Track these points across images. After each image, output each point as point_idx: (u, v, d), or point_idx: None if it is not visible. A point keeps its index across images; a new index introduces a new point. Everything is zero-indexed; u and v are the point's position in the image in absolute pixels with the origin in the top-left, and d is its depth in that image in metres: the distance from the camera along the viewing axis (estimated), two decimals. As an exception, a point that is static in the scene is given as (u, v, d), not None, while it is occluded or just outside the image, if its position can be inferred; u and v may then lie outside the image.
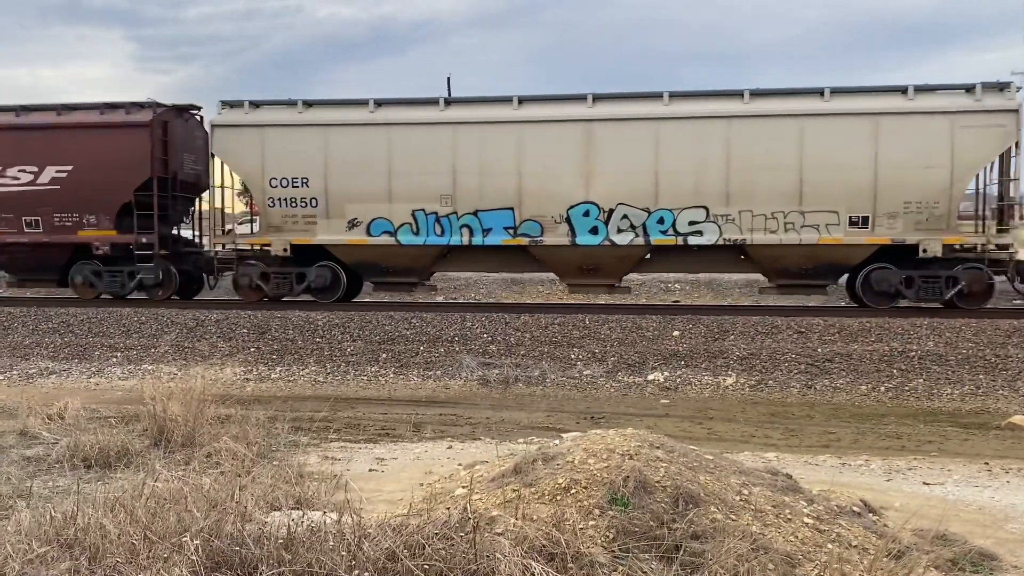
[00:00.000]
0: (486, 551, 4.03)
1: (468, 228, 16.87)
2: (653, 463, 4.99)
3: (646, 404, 12.40)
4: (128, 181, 17.81)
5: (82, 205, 18.04)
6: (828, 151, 15.76)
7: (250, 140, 17.56)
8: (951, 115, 15.53)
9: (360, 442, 9.08)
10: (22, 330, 16.27)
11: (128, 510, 4.68)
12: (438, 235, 16.96)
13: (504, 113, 16.82)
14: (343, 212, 17.24)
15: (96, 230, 18.13)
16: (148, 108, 18.18)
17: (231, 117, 17.77)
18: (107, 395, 12.69)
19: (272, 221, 17.54)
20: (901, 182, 15.64)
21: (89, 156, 17.83)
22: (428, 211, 16.94)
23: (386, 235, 17.13)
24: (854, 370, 13.25)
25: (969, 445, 9.86)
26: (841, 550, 4.63)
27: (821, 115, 15.86)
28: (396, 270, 17.58)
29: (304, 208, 17.41)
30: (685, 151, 16.07)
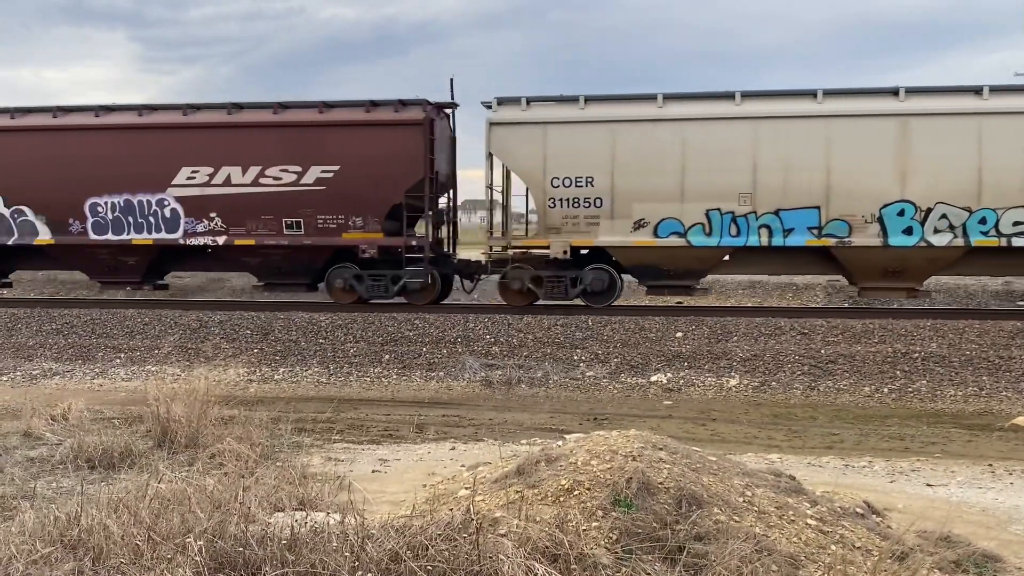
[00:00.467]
0: (489, 552, 4.04)
1: (767, 228, 16.03)
2: (656, 464, 4.99)
3: (649, 405, 12.39)
4: (400, 181, 16.95)
5: (348, 206, 17.10)
6: None
7: (530, 138, 16.75)
8: None
9: (363, 443, 9.09)
10: (26, 331, 16.29)
11: (132, 511, 4.69)
12: (733, 235, 16.05)
13: (808, 107, 16.05)
14: (629, 212, 16.38)
15: (362, 232, 17.13)
16: (418, 105, 17.26)
17: (508, 114, 16.92)
18: (111, 396, 12.70)
19: (552, 222, 16.66)
20: None
21: (357, 155, 16.94)
22: (724, 210, 16.11)
23: (675, 236, 16.24)
24: (857, 371, 13.24)
25: (973, 447, 9.85)
26: (845, 551, 4.63)
27: None
28: (677, 273, 16.72)
29: (587, 208, 16.61)
30: (1011, 147, 15.40)
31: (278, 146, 17.18)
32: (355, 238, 17.18)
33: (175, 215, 17.52)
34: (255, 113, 17.55)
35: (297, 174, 17.13)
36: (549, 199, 16.62)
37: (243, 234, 17.38)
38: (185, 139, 17.44)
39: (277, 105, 17.48)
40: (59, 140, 17.81)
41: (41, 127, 17.98)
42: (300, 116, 17.36)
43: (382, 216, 17.13)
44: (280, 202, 17.20)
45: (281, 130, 17.23)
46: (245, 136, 17.28)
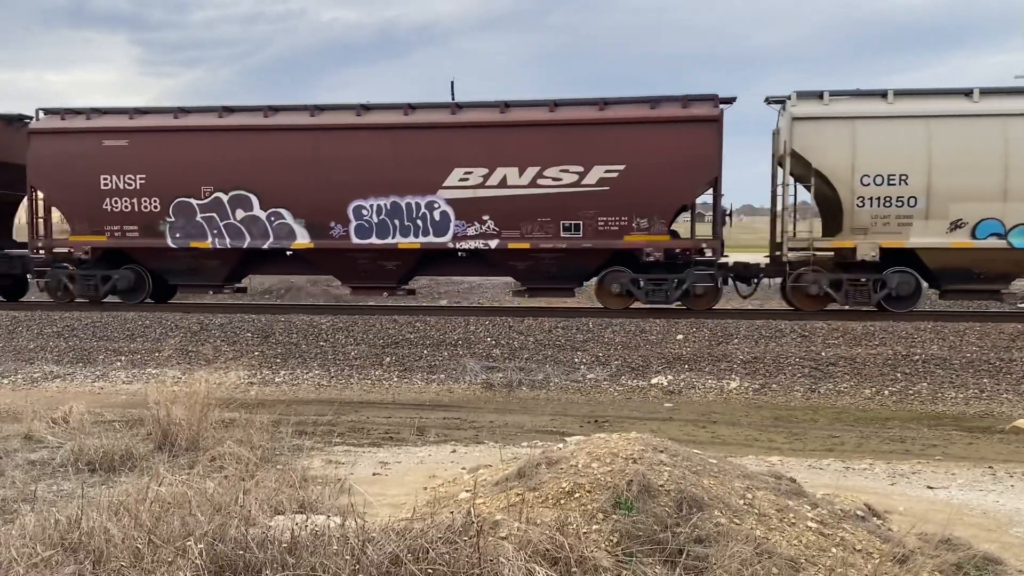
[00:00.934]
0: (490, 555, 4.04)
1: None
2: (657, 467, 4.98)
3: (650, 408, 12.39)
4: (693, 181, 16.29)
5: (633, 208, 16.21)
6: None
7: (837, 134, 15.93)
8: None
9: (364, 446, 9.09)
10: (27, 334, 16.29)
11: (132, 514, 4.69)
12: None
13: None
14: (946, 212, 15.59)
15: (647, 235, 16.26)
16: (707, 101, 16.45)
17: (810, 109, 16.10)
18: (111, 399, 12.71)
19: (859, 222, 15.77)
20: None
21: (644, 154, 16.09)
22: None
23: (994, 237, 15.51)
24: (858, 374, 13.24)
25: (973, 449, 9.85)
26: (845, 554, 4.62)
27: None
28: (988, 277, 15.93)
29: (899, 208, 15.74)
30: None
31: (556, 145, 16.42)
32: (639, 241, 16.33)
33: (445, 218, 16.74)
34: (529, 111, 16.88)
35: (578, 174, 16.33)
36: (858, 198, 15.79)
37: (517, 237, 16.59)
38: (455, 139, 16.75)
39: (551, 103, 16.77)
40: (319, 140, 17.06)
41: (300, 127, 17.22)
42: (579, 114, 16.65)
43: (669, 218, 16.51)
44: (559, 204, 16.42)
45: (559, 129, 16.51)
46: (520, 135, 16.57)
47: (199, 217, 17.34)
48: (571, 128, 16.43)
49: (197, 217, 17.33)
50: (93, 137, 17.67)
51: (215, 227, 17.29)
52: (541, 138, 16.44)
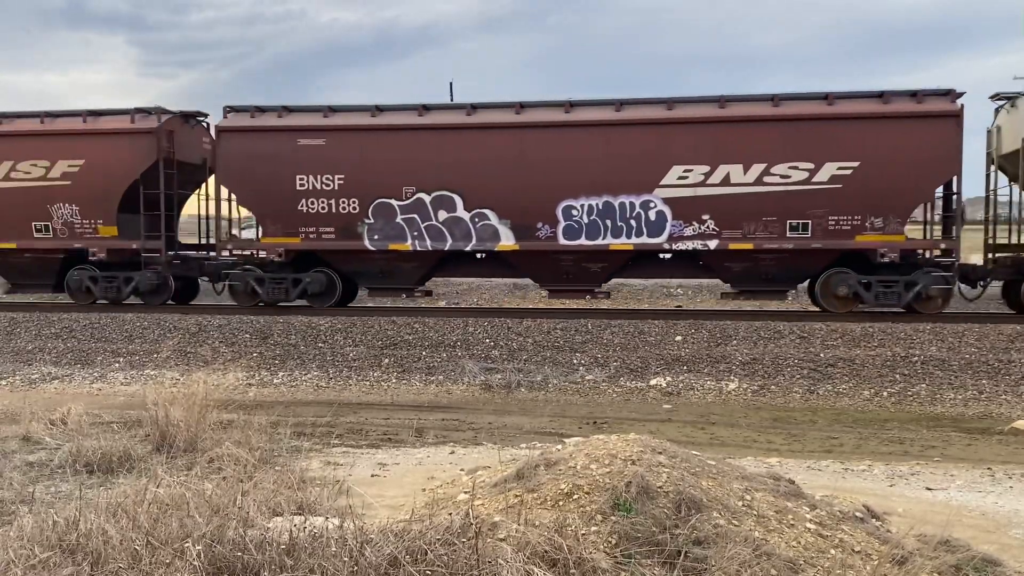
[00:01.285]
0: (488, 557, 4.03)
1: None
2: (655, 468, 4.98)
3: (648, 409, 12.39)
4: (931, 179, 15.81)
5: (866, 206, 15.65)
6: None
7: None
8: None
9: (362, 447, 9.08)
10: (25, 335, 16.28)
11: (130, 515, 4.68)
12: None
13: None
14: None
15: (881, 234, 15.69)
16: (944, 96, 15.86)
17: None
18: (109, 400, 12.70)
19: None
20: None
21: (879, 150, 15.57)
22: None
23: None
24: (857, 375, 13.23)
25: (972, 450, 9.85)
26: (844, 556, 4.62)
27: None
28: None
29: None
30: None
31: (781, 141, 15.87)
32: (872, 241, 15.73)
33: (661, 218, 16.20)
34: (751, 106, 16.36)
35: (808, 172, 15.76)
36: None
37: (739, 238, 16.04)
38: (672, 136, 16.23)
39: (774, 97, 16.26)
40: (523, 138, 16.60)
41: (505, 124, 16.74)
42: (805, 109, 16.10)
43: (905, 217, 15.94)
44: (786, 202, 15.84)
45: (785, 124, 15.96)
46: (743, 131, 16.04)
47: (399, 218, 16.94)
48: (798, 123, 15.93)
49: (397, 218, 16.94)
50: (288, 136, 17.28)
51: (415, 229, 16.90)
52: (766, 134, 15.98)
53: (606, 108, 16.61)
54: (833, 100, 15.99)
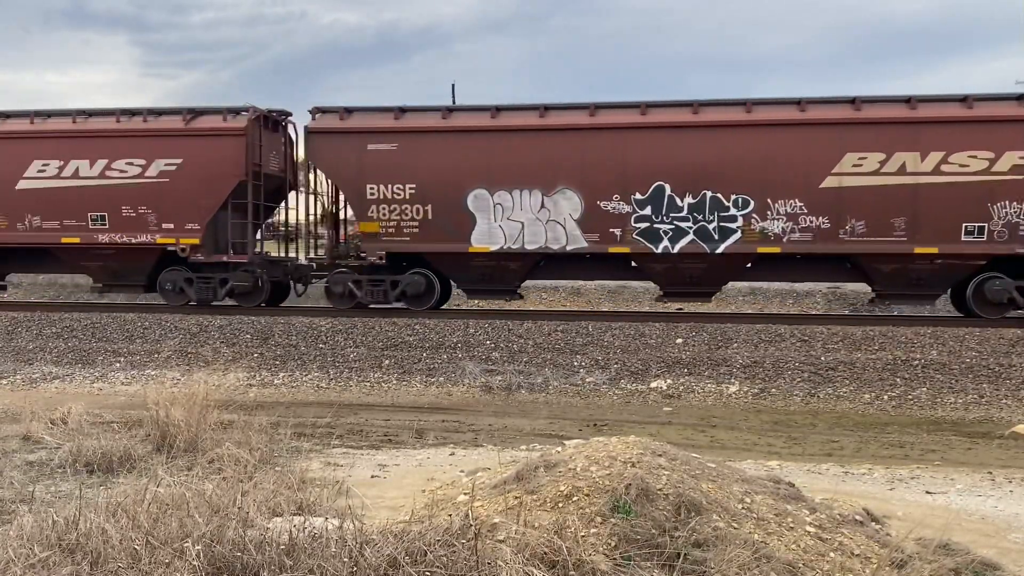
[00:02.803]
0: (488, 558, 4.03)
1: None
2: (655, 471, 4.98)
3: (649, 411, 12.39)
4: None
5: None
6: None
7: None
8: None
9: (362, 448, 9.09)
10: (26, 335, 16.30)
11: (130, 515, 4.69)
12: None
13: None
14: None
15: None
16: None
17: None
18: (110, 400, 12.70)
19: None
20: None
21: None
22: None
23: None
24: (857, 379, 13.23)
25: (972, 454, 9.84)
26: (844, 559, 4.62)
27: None
28: None
29: None
30: None
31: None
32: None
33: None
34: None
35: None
36: None
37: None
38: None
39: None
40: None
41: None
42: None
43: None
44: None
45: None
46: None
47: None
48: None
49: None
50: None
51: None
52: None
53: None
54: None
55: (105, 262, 18.35)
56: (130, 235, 17.84)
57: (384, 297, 17.40)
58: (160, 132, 17.78)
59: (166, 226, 17.73)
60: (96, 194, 17.80)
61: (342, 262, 17.78)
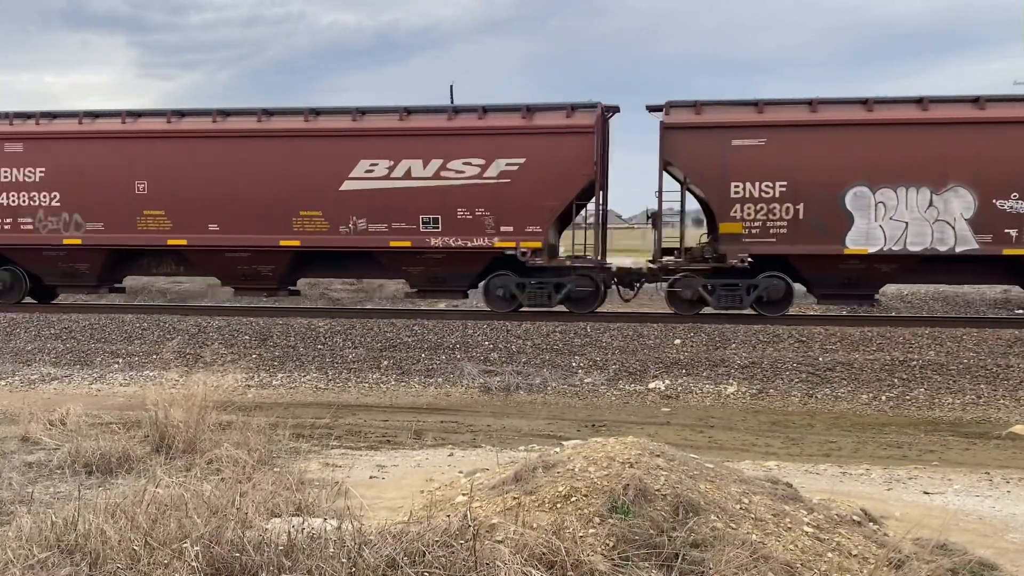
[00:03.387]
0: (486, 559, 4.04)
1: None
2: (653, 471, 4.99)
3: (647, 412, 12.39)
4: None
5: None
6: None
7: None
8: None
9: (361, 449, 9.09)
10: (24, 336, 16.28)
11: (129, 516, 4.69)
12: None
13: None
14: None
15: None
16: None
17: None
18: (108, 401, 12.70)
19: None
20: None
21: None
22: None
23: None
24: (855, 379, 13.24)
25: (970, 455, 9.85)
26: (841, 559, 4.63)
27: None
28: None
29: None
30: None
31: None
32: None
33: None
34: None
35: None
36: None
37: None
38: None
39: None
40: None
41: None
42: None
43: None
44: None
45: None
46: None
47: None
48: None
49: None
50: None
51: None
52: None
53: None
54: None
55: (429, 267, 17.27)
56: (465, 238, 16.70)
57: (740, 302, 16.45)
58: (501, 130, 16.72)
59: (504, 229, 16.59)
60: (429, 195, 16.72)
61: (684, 266, 16.70)
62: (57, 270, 18.55)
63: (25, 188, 18.03)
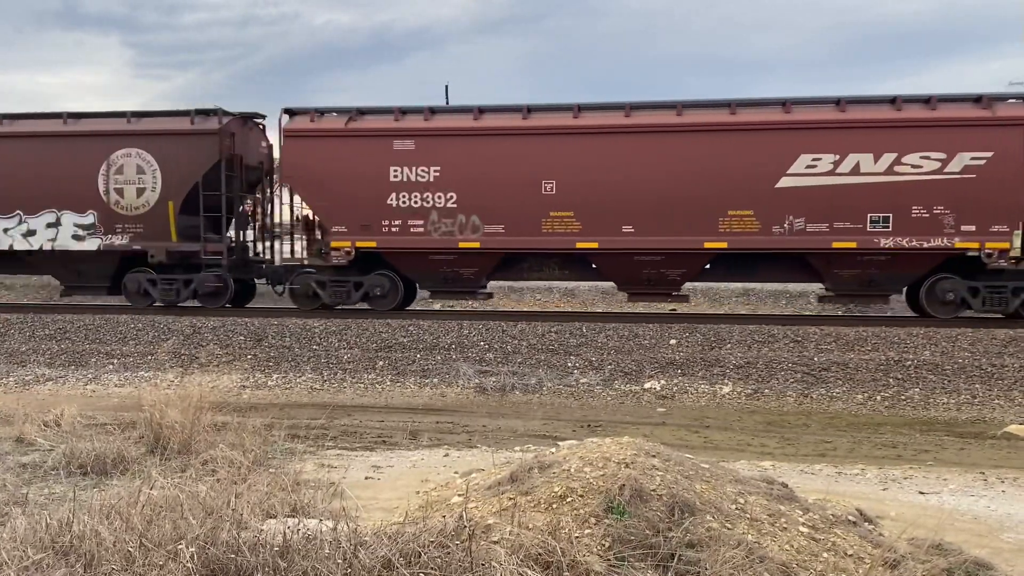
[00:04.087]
0: (482, 559, 4.04)
1: None
2: (649, 471, 4.99)
3: (643, 412, 12.40)
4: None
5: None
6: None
7: None
8: None
9: (356, 450, 9.08)
10: (19, 336, 16.25)
11: (124, 517, 4.68)
12: None
13: None
14: None
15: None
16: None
17: None
18: (103, 402, 12.67)
19: None
20: None
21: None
22: None
23: None
24: (850, 379, 13.27)
25: (965, 454, 9.87)
26: (837, 559, 4.64)
27: None
28: None
29: None
30: None
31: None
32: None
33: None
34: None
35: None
36: None
37: None
38: None
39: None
40: None
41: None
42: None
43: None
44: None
45: None
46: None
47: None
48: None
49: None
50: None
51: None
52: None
53: None
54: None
55: (865, 269, 16.12)
56: (920, 239, 15.59)
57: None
58: (962, 121, 15.58)
59: (965, 228, 15.50)
60: (880, 192, 15.60)
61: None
62: (438, 275, 17.31)
63: (418, 189, 16.74)
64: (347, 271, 17.30)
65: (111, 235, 17.94)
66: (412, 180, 16.66)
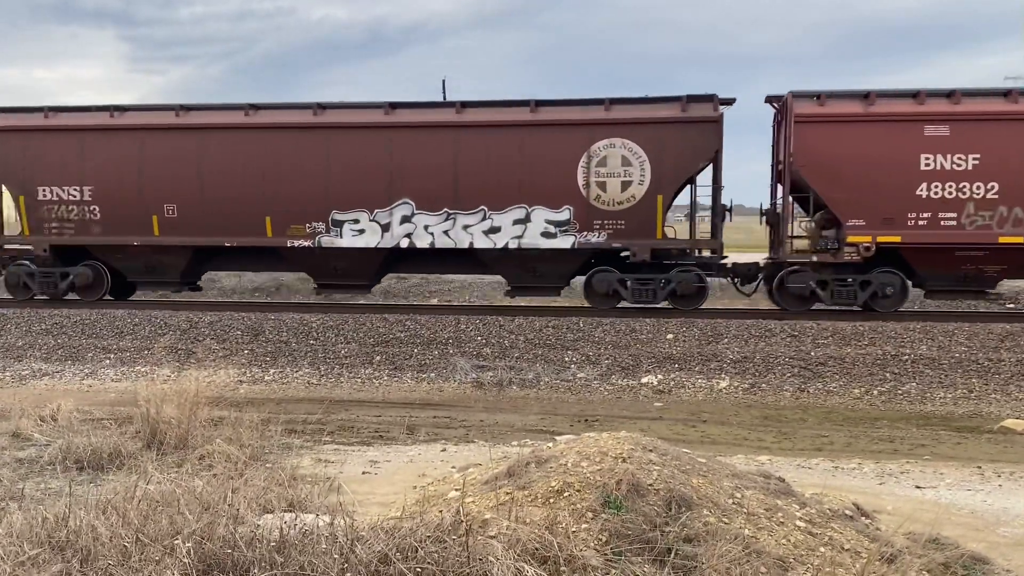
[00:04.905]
0: (479, 554, 4.03)
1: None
2: (646, 466, 4.99)
3: (640, 407, 12.40)
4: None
5: None
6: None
7: None
8: None
9: (353, 444, 9.08)
10: (15, 331, 16.21)
11: (120, 512, 4.67)
12: None
13: None
14: None
15: None
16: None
17: None
18: (100, 397, 12.66)
19: None
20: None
21: None
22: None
23: None
24: (847, 373, 13.28)
25: (962, 449, 9.89)
26: (833, 553, 4.64)
27: None
28: None
29: None
30: None
31: None
32: None
33: None
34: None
35: None
36: None
37: None
38: None
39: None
40: None
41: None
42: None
43: None
44: None
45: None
46: None
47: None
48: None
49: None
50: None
51: None
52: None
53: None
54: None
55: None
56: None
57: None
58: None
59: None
60: None
61: None
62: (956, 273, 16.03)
63: (953, 178, 15.31)
64: (854, 269, 16.01)
65: (587, 232, 16.45)
66: (948, 169, 15.33)
